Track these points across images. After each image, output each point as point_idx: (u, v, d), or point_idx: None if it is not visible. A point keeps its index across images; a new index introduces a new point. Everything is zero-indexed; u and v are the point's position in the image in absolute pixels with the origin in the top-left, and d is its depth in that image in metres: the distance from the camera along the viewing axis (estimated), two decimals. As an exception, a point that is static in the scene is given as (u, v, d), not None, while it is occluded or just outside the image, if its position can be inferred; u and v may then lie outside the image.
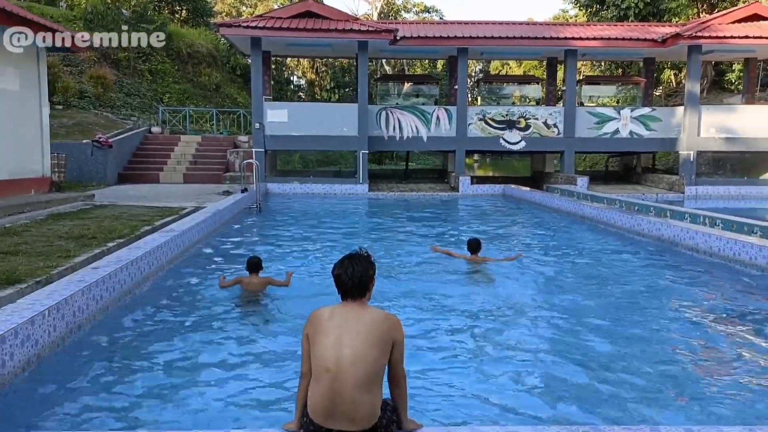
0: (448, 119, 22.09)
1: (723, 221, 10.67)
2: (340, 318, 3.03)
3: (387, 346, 2.99)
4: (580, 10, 38.69)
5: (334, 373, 2.89)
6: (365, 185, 20.80)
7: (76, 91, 24.84)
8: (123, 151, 21.64)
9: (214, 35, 35.67)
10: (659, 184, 22.69)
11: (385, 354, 2.99)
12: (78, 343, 5.30)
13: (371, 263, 3.18)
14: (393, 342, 3.02)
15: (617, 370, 5.02)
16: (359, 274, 3.08)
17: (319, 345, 2.98)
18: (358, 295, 3.10)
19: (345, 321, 3.01)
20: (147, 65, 30.02)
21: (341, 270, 3.11)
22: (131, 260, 6.88)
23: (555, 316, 6.60)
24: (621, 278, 8.47)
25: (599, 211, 13.61)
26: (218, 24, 22.17)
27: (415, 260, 9.55)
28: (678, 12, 31.99)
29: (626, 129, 22.35)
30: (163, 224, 10.61)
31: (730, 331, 6.05)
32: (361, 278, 3.08)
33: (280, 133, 20.90)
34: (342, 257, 3.17)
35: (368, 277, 3.12)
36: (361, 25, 21.08)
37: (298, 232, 12.52)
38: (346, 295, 3.11)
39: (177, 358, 5.19)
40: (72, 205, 13.52)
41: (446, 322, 6.29)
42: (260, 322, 6.35)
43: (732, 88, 33.39)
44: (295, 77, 47.88)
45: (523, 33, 22.12)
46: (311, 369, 3.02)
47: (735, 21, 21.64)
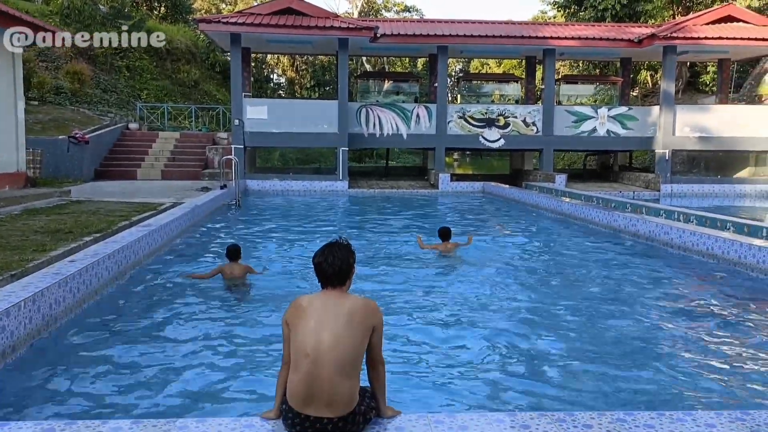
0: (428, 117, 22.16)
1: (697, 218, 10.87)
2: (319, 305, 3.04)
3: (367, 331, 3.02)
4: (558, 11, 39.01)
5: (313, 359, 2.90)
6: (345, 182, 20.79)
7: (52, 86, 24.52)
8: (100, 148, 21.40)
9: (193, 32, 35.43)
10: (636, 182, 22.98)
11: (364, 339, 3.01)
12: (55, 336, 5.27)
13: (351, 252, 3.20)
14: (373, 327, 3.05)
15: (585, 358, 5.11)
16: (339, 262, 3.10)
17: (299, 331, 2.99)
18: (338, 283, 3.12)
19: (325, 308, 3.02)
20: (125, 61, 29.72)
21: (322, 258, 3.12)
22: (108, 254, 6.83)
23: (526, 304, 6.72)
24: (594, 271, 8.61)
25: (577, 207, 13.76)
26: (197, 20, 22.04)
27: (394, 251, 9.79)
28: (654, 14, 32.40)
29: (603, 128, 22.60)
30: (141, 219, 10.53)
31: (699, 325, 6.17)
32: (342, 266, 3.10)
33: (260, 129, 20.82)
34: (322, 246, 3.19)
35: (348, 266, 3.14)
36: (341, 22, 21.06)
37: (277, 227, 12.54)
38: (327, 282, 3.12)
39: (157, 349, 5.19)
40: (47, 200, 13.35)
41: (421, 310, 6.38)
42: (242, 310, 6.41)
43: (706, 89, 33.90)
44: (275, 75, 47.69)
45: (502, 32, 22.26)
46: (291, 356, 3.04)
47: (709, 22, 21.96)
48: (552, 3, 39.32)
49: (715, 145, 22.59)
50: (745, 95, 29.51)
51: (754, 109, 24.24)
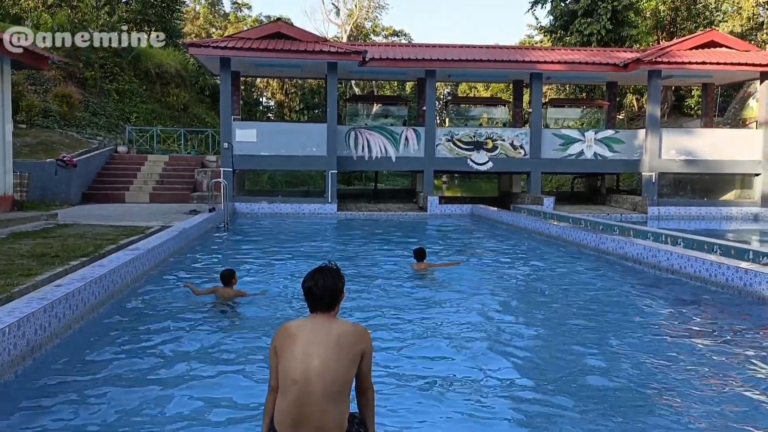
0: (417, 140, 22.28)
1: (684, 240, 10.94)
2: (308, 330, 3.03)
3: (356, 357, 3.00)
4: (545, 35, 39.58)
5: (302, 385, 2.88)
6: (334, 205, 20.80)
7: (41, 109, 24.45)
8: (88, 171, 21.32)
9: (183, 55, 35.54)
10: (623, 205, 23.14)
11: (353, 365, 3.00)
12: (40, 361, 5.20)
13: (340, 276, 3.20)
14: (362, 353, 3.03)
15: (560, 379, 5.10)
16: (329, 287, 3.09)
17: (287, 357, 2.97)
18: (327, 308, 3.11)
19: (314, 333, 3.01)
20: (114, 85, 29.73)
21: (311, 282, 3.11)
22: (95, 278, 6.77)
23: (512, 325, 6.72)
24: (581, 292, 8.62)
25: (565, 230, 13.82)
26: (187, 44, 22.10)
27: (381, 272, 9.97)
28: (638, 39, 32.96)
29: (591, 150, 22.80)
30: (129, 243, 10.47)
31: (689, 346, 6.19)
32: (331, 290, 3.10)
33: (249, 152, 20.84)
34: (312, 270, 3.18)
35: (338, 290, 3.13)
36: (330, 46, 21.23)
37: (266, 251, 12.48)
38: (316, 307, 3.11)
39: (145, 370, 5.14)
40: (34, 224, 13.25)
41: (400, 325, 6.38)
42: (230, 330, 6.40)
43: (692, 112, 34.36)
44: (265, 98, 47.88)
45: (489, 56, 22.53)
46: (278, 382, 3.01)
47: (693, 47, 22.32)
48: (538, 28, 39.93)
49: (701, 168, 22.83)
50: (730, 119, 29.91)
51: (738, 132, 24.59)
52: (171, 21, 39.44)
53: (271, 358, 3.08)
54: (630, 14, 33.37)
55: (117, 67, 29.76)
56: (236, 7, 54.29)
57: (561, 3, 35.04)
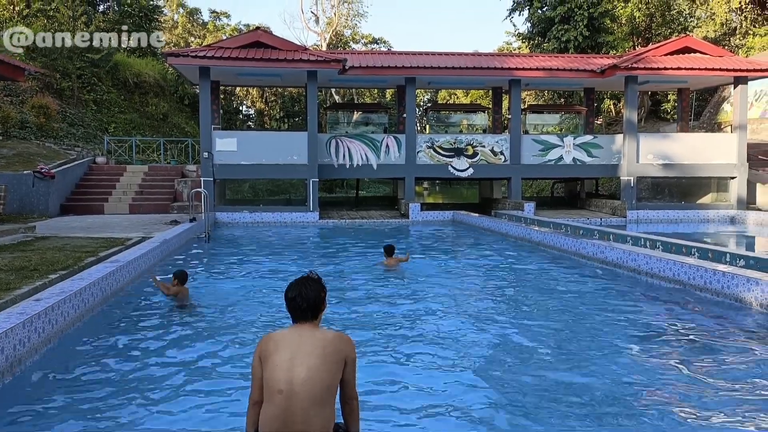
0: (398, 147, 22.35)
1: (663, 243, 11.08)
2: (292, 340, 3.05)
3: (340, 364, 3.03)
4: (523, 42, 39.96)
5: (287, 394, 2.90)
6: (316, 213, 20.78)
7: (17, 120, 24.20)
8: (66, 182, 21.11)
9: (162, 65, 35.38)
10: (603, 209, 23.37)
11: (338, 373, 3.03)
12: (19, 377, 5.15)
13: (322, 286, 3.24)
14: (345, 360, 3.06)
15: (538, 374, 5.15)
16: (311, 297, 3.14)
17: (271, 367, 2.99)
18: (310, 317, 3.15)
19: (298, 342, 3.04)
20: (92, 95, 29.51)
21: (294, 293, 3.15)
22: (75, 291, 6.71)
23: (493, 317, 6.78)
24: (560, 295, 8.70)
25: (546, 235, 13.94)
26: (166, 53, 21.97)
27: (362, 279, 10.12)
28: (615, 45, 33.43)
29: (569, 156, 23.02)
30: (109, 255, 10.38)
31: (666, 351, 6.27)
32: (313, 300, 3.14)
33: (229, 162, 20.76)
34: (294, 280, 3.21)
35: (320, 299, 3.18)
36: (310, 55, 21.24)
37: (247, 260, 12.43)
38: (299, 317, 3.14)
39: (127, 385, 5.10)
40: (12, 237, 13.09)
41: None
42: (208, 344, 6.37)
43: (668, 117, 34.88)
44: (245, 107, 47.75)
45: (469, 63, 22.67)
46: (262, 391, 3.02)
47: (668, 53, 22.64)
48: (516, 35, 40.31)
49: (678, 172, 23.13)
50: (705, 123, 30.40)
51: (713, 136, 24.98)
52: (149, 30, 39.26)
53: (255, 369, 3.09)
54: (606, 21, 33.88)
55: (95, 77, 29.56)
56: (215, 16, 54.14)
57: (538, 10, 35.42)
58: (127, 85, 32.37)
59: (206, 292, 8.90)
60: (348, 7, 49.35)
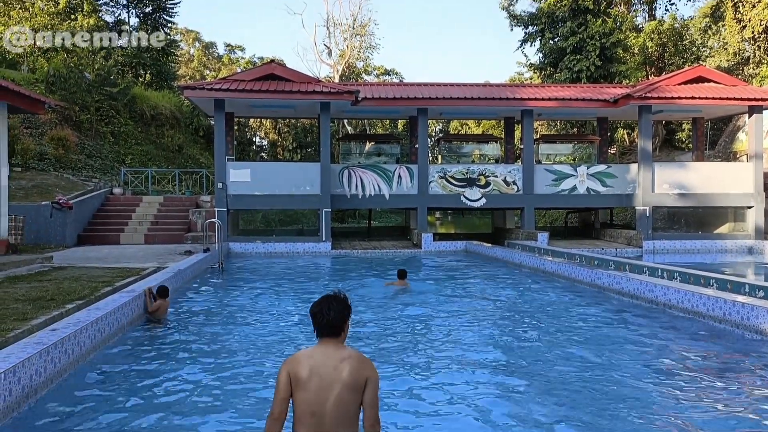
0: (410, 177, 22.41)
1: (680, 274, 10.96)
2: (319, 360, 3.12)
3: (361, 386, 3.09)
4: (534, 72, 40.20)
5: (319, 416, 3.01)
6: (328, 243, 20.80)
7: (36, 152, 24.56)
8: (83, 213, 21.32)
9: (178, 97, 35.89)
10: (618, 239, 23.21)
11: (359, 394, 3.09)
12: (34, 407, 5.15)
13: (347, 305, 3.30)
14: (366, 381, 3.10)
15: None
16: (334, 314, 3.20)
17: (302, 388, 3.06)
18: (334, 334, 3.20)
19: (324, 362, 3.11)
20: (109, 127, 29.93)
21: (318, 309, 3.22)
22: (91, 321, 6.74)
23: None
24: (580, 331, 8.60)
25: (560, 265, 13.84)
26: (182, 86, 22.31)
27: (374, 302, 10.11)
28: (628, 74, 33.54)
29: (583, 185, 22.95)
30: (124, 285, 10.43)
31: (686, 381, 6.17)
32: (338, 318, 3.19)
33: (243, 192, 20.90)
34: (320, 297, 3.29)
35: (343, 318, 3.23)
36: (323, 86, 21.48)
37: (260, 290, 12.44)
38: (323, 333, 3.21)
39: (140, 417, 5.08)
40: (29, 267, 13.19)
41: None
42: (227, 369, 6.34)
43: (682, 146, 34.77)
44: (258, 138, 48.19)
45: (480, 94, 22.81)
46: (283, 407, 3.09)
47: (682, 83, 22.66)
48: (528, 65, 40.59)
49: (694, 202, 22.97)
50: (720, 152, 30.27)
51: (729, 165, 24.83)
52: (166, 64, 39.98)
53: (281, 385, 3.12)
54: (618, 51, 34.05)
55: (112, 110, 30.00)
56: (230, 49, 55.11)
57: (550, 41, 35.69)
58: (143, 117, 32.84)
59: (218, 321, 8.93)
60: (360, 40, 49.94)
